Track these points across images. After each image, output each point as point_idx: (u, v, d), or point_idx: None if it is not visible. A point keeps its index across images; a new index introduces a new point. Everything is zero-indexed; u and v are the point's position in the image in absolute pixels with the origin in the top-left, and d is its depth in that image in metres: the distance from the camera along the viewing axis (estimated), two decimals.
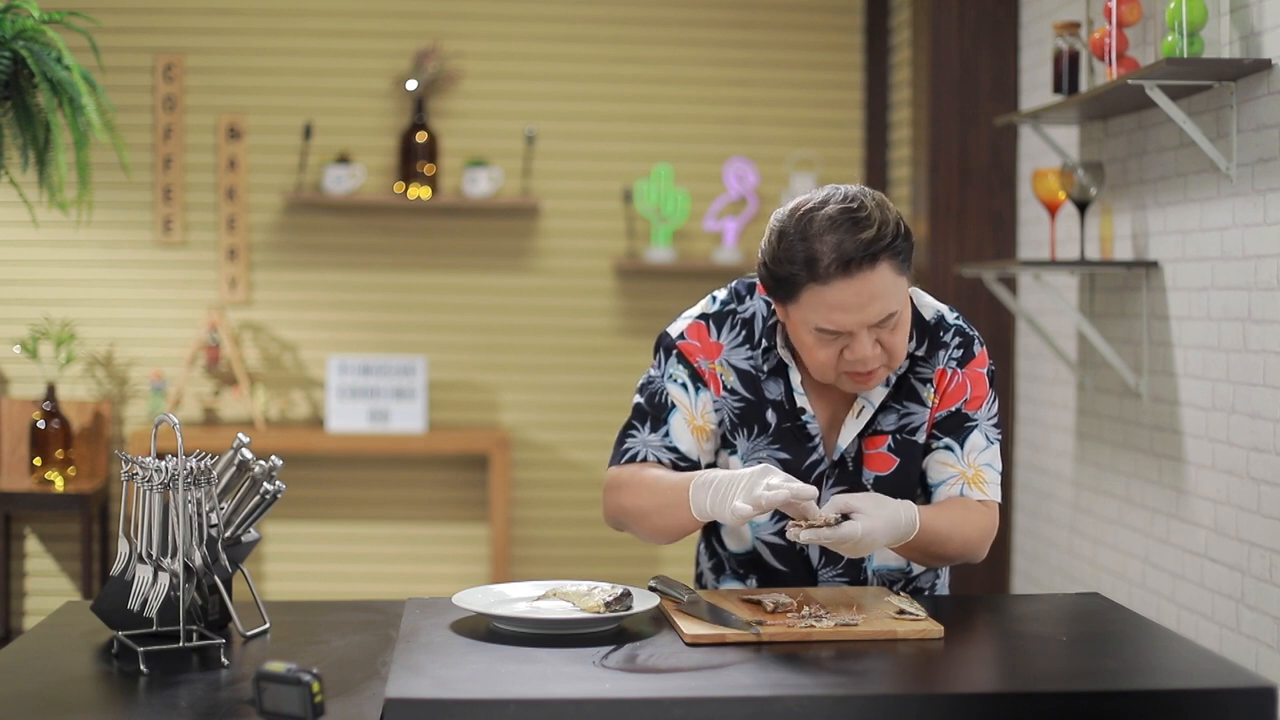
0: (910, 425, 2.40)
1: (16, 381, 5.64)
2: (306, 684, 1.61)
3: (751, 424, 2.41)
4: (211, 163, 5.69)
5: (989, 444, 2.42)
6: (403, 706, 1.74)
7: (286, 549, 5.77)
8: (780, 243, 2.25)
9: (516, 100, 5.78)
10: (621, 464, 2.42)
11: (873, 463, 2.40)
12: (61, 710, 1.94)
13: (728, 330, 2.43)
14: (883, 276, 2.22)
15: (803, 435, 2.40)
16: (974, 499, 2.39)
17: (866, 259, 2.20)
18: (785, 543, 2.42)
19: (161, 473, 2.20)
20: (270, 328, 5.73)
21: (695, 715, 1.77)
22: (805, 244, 2.21)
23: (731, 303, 2.44)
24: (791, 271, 2.23)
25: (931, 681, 1.97)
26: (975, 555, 2.40)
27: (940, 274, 4.92)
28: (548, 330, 5.81)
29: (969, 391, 2.41)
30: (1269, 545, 3.26)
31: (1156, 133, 3.80)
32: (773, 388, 2.41)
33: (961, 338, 2.43)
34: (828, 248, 2.20)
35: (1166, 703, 1.85)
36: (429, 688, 1.80)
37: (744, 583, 2.50)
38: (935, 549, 2.32)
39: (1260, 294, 3.29)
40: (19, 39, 3.86)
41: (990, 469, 2.42)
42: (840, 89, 5.84)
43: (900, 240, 2.23)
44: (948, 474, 2.39)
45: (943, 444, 2.40)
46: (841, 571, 2.43)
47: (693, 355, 2.43)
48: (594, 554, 5.80)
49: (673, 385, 2.42)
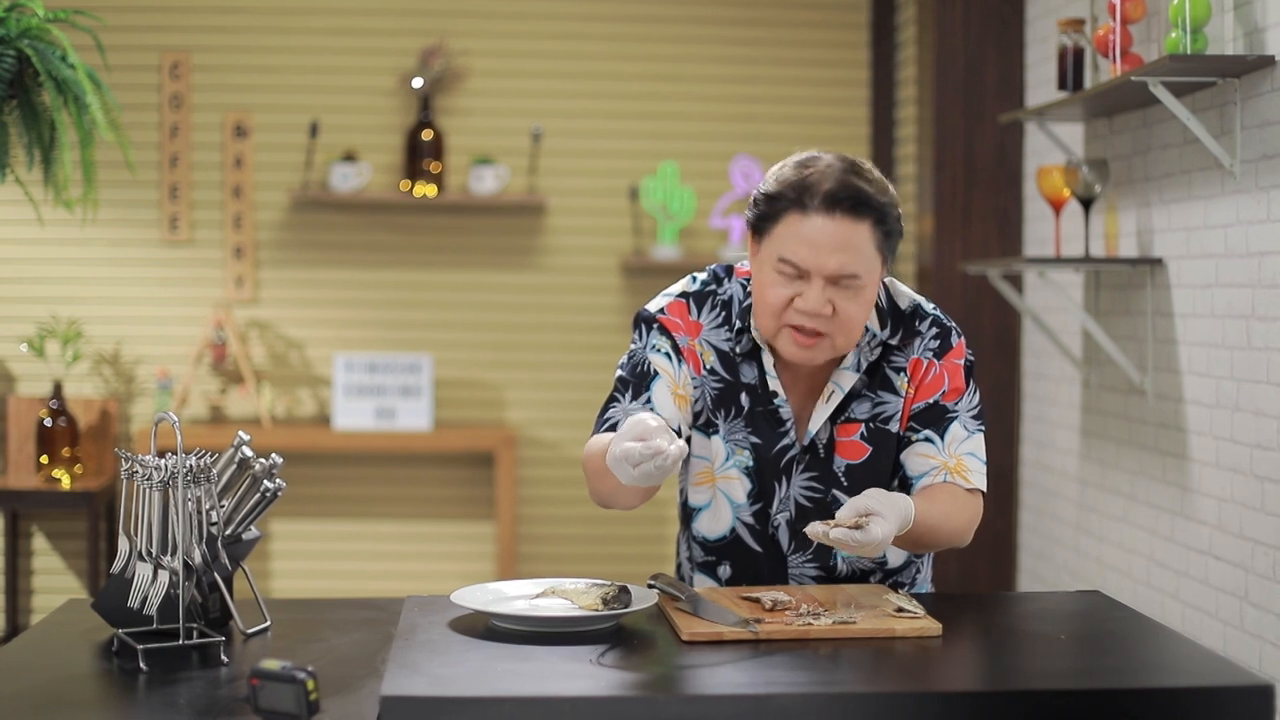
0: (884, 414, 2.41)
1: (24, 380, 5.65)
2: (301, 682, 1.61)
3: (729, 406, 2.43)
4: (218, 161, 5.69)
5: (969, 434, 2.41)
6: (399, 704, 1.74)
7: (293, 547, 5.78)
8: (781, 170, 2.36)
9: (522, 98, 5.78)
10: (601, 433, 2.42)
11: (844, 450, 2.41)
12: (61, 708, 1.94)
13: (707, 310, 2.45)
14: (860, 234, 2.27)
15: (774, 420, 2.41)
16: (960, 487, 2.38)
17: (852, 207, 2.27)
18: (761, 526, 2.43)
19: (161, 470, 2.21)
20: (276, 326, 5.74)
21: (690, 713, 1.76)
22: (803, 173, 2.32)
23: (711, 283, 2.47)
24: (780, 193, 2.32)
25: (929, 680, 1.97)
26: (960, 543, 2.41)
27: (945, 271, 4.91)
28: (554, 328, 5.81)
29: (946, 383, 2.41)
30: (1273, 543, 3.25)
31: (1161, 129, 3.79)
32: (747, 371, 2.42)
33: (939, 328, 2.43)
34: (822, 181, 2.29)
35: (1164, 701, 1.84)
36: (425, 685, 1.80)
37: (715, 572, 2.50)
38: (926, 539, 2.33)
39: (1264, 291, 3.28)
40: (24, 38, 3.86)
41: (973, 458, 2.40)
42: (846, 86, 5.84)
43: (890, 217, 2.30)
44: (929, 465, 2.38)
45: (922, 436, 2.40)
46: (811, 557, 2.43)
47: (674, 330, 2.44)
48: (600, 551, 5.80)
49: (656, 355, 2.43)
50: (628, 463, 2.07)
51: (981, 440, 2.42)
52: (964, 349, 2.44)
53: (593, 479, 2.39)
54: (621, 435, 2.09)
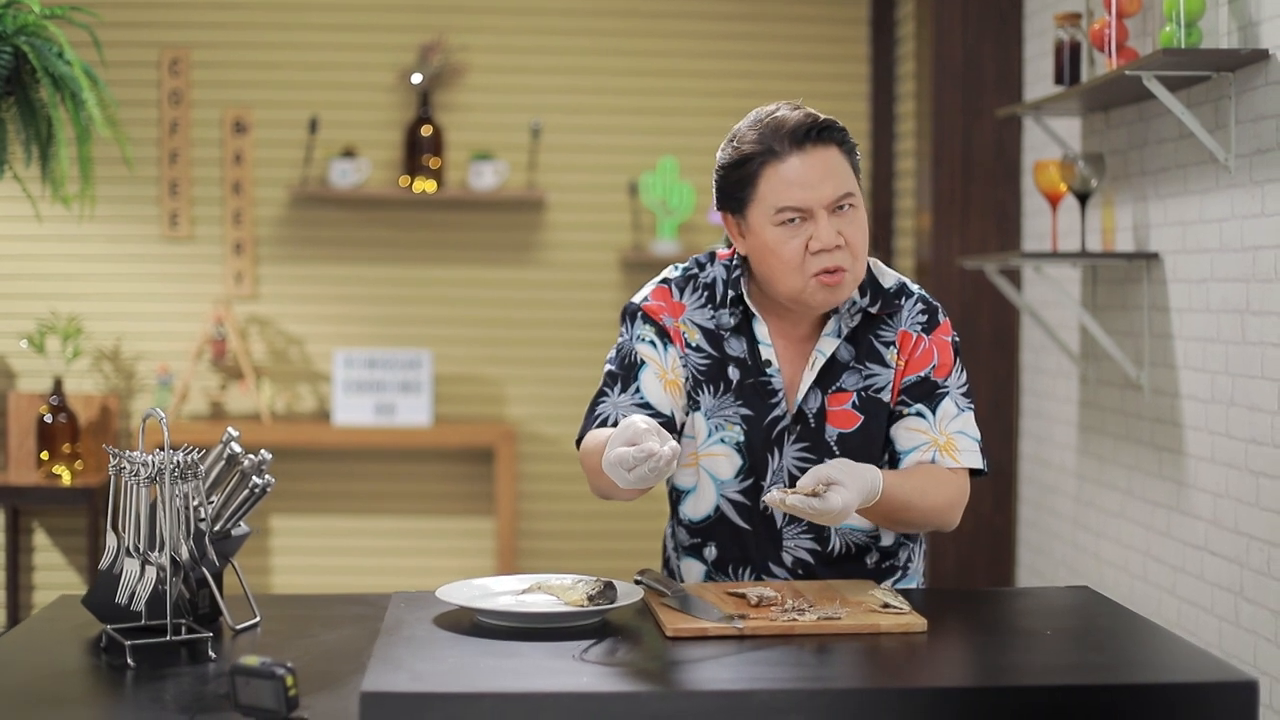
0: (875, 385, 2.42)
1: (24, 376, 5.66)
2: (280, 677, 1.61)
3: (716, 381, 2.43)
4: (217, 157, 5.70)
5: (960, 411, 2.42)
6: (379, 700, 1.74)
7: (293, 543, 5.79)
8: (734, 139, 2.40)
9: (521, 93, 5.78)
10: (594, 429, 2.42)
11: (836, 419, 2.41)
12: (48, 704, 1.94)
13: (690, 292, 2.47)
14: (834, 157, 2.34)
15: (765, 390, 2.41)
16: (945, 466, 2.38)
17: (819, 135, 2.33)
18: (751, 502, 2.43)
19: (148, 467, 2.21)
20: (276, 322, 5.74)
21: (671, 709, 1.76)
22: (759, 127, 2.37)
23: (693, 269, 2.50)
24: (748, 154, 2.35)
25: (911, 676, 1.96)
26: (944, 523, 2.40)
27: (944, 266, 4.90)
28: (553, 323, 5.81)
29: (936, 358, 2.43)
30: (1267, 538, 3.24)
31: (1157, 124, 3.78)
32: (735, 344, 2.43)
33: (925, 305, 2.47)
34: (781, 125, 2.34)
35: (1148, 697, 1.83)
36: (406, 681, 1.80)
37: (701, 554, 2.49)
38: (899, 515, 2.33)
39: (1258, 285, 3.27)
40: (20, 34, 3.87)
41: (964, 436, 2.41)
42: (846, 81, 5.83)
43: (847, 135, 2.38)
44: (919, 440, 2.39)
45: (914, 410, 2.41)
46: (805, 529, 2.43)
47: (657, 314, 2.46)
48: (601, 547, 5.81)
49: (641, 344, 2.45)
50: (622, 467, 2.09)
51: (972, 418, 2.43)
52: (950, 328, 2.48)
53: (591, 476, 2.40)
54: (614, 440, 2.11)
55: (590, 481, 2.42)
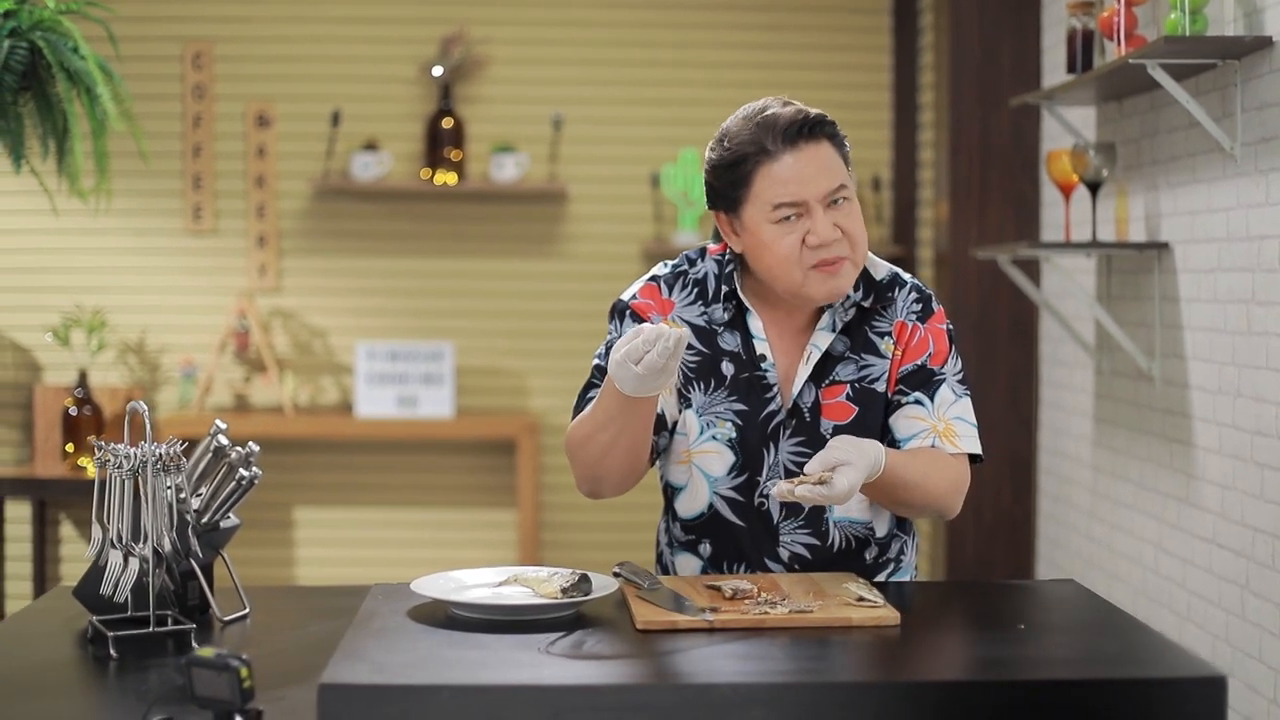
0: (870, 376, 2.42)
1: (49, 369, 5.71)
2: (235, 669, 1.62)
3: (708, 377, 2.42)
4: (240, 150, 5.73)
5: (958, 398, 2.42)
6: (336, 692, 1.74)
7: (315, 534, 5.82)
8: (724, 138, 2.38)
9: (543, 86, 5.78)
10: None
11: (831, 412, 2.40)
12: (28, 694, 1.96)
13: (679, 289, 2.47)
14: (826, 151, 2.34)
15: (760, 385, 2.41)
16: (946, 451, 2.37)
17: (810, 131, 2.33)
18: (745, 499, 2.42)
19: (131, 459, 2.23)
20: (299, 314, 5.77)
21: (630, 702, 1.76)
22: (750, 126, 2.35)
23: (683, 265, 2.49)
24: (741, 154, 2.34)
25: (875, 670, 1.95)
26: (945, 508, 2.39)
27: (962, 257, 4.87)
28: (575, 315, 5.82)
29: (931, 346, 2.43)
30: (1272, 531, 3.21)
31: (1167, 113, 3.75)
32: (729, 339, 2.43)
33: (919, 294, 2.47)
34: (773, 123, 2.33)
35: (1114, 693, 1.82)
36: (365, 673, 1.80)
37: (696, 550, 2.49)
38: (901, 494, 2.32)
39: (1263, 275, 3.24)
40: (36, 29, 3.90)
41: (962, 422, 2.40)
42: (868, 71, 5.80)
43: (836, 127, 2.37)
44: (919, 428, 2.39)
45: (911, 399, 2.40)
46: (803, 523, 2.42)
47: (646, 312, 2.45)
48: (622, 539, 5.80)
49: None
50: (630, 360, 2.11)
51: (970, 404, 2.43)
52: (944, 316, 2.48)
53: (578, 467, 2.40)
54: (616, 350, 2.14)
55: (577, 474, 2.42)
